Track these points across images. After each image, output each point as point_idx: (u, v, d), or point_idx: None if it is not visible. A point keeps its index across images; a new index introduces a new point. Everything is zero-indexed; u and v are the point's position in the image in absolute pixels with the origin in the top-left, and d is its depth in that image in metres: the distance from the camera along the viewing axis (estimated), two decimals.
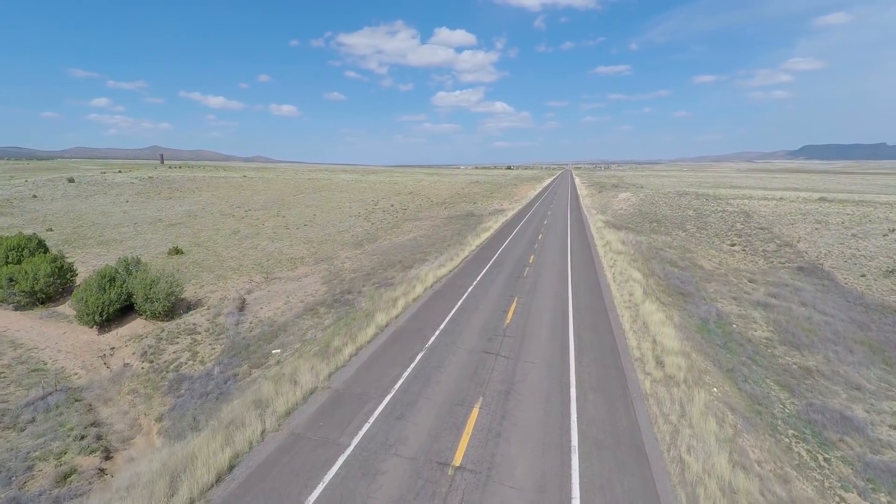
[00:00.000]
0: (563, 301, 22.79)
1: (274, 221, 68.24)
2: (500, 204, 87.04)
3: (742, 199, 63.29)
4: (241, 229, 61.64)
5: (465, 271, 29.49)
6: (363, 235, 58.03)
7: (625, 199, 78.17)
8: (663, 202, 68.09)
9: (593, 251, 36.88)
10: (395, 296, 23.36)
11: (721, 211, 56.47)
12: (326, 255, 47.20)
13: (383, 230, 61.86)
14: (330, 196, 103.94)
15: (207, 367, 23.50)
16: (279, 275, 40.03)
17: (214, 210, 78.81)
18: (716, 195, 71.66)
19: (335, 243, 53.16)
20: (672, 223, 54.98)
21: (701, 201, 64.24)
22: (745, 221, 51.20)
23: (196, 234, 58.52)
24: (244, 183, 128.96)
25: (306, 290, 34.91)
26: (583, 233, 46.57)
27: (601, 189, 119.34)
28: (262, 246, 51.60)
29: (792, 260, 39.74)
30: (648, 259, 37.35)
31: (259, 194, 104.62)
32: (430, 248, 45.87)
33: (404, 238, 55.86)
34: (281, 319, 28.80)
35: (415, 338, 17.64)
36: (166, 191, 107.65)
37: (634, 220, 59.24)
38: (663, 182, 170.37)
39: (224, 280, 38.75)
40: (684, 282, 32.26)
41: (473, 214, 73.35)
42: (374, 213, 78.59)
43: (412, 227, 63.91)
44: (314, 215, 74.19)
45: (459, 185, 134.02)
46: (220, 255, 47.61)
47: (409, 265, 38.79)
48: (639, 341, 17.74)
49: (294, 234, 58.10)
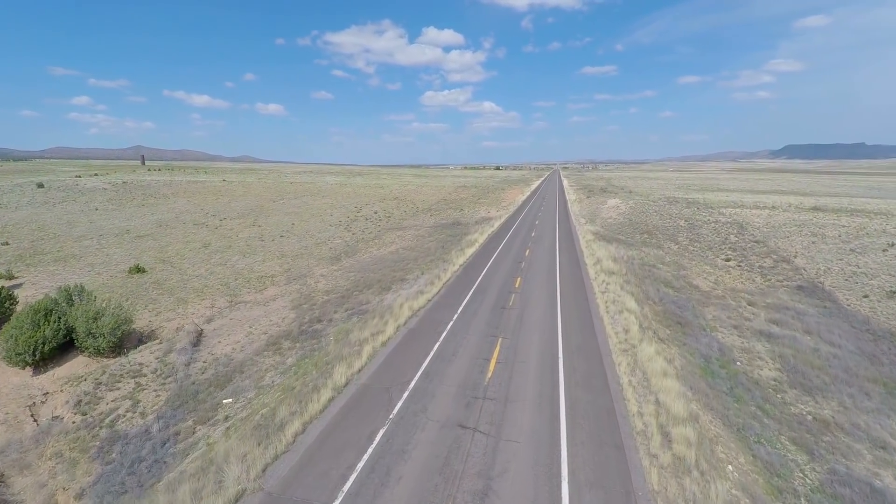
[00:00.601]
0: (552, 343, 20.27)
1: (249, 232, 64.85)
2: (488, 211, 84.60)
3: (734, 208, 61.69)
4: (212, 242, 58.19)
5: (446, 300, 26.85)
6: (342, 248, 55.06)
7: (614, 206, 76.29)
8: (654, 210, 66.24)
9: (583, 271, 34.52)
10: (363, 337, 20.63)
11: (714, 221, 54.69)
12: (300, 272, 44.18)
13: (364, 242, 58.95)
14: (311, 202, 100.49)
15: (147, 422, 20.48)
16: (246, 297, 36.95)
17: (188, 219, 75.01)
18: (706, 203, 70.10)
19: (311, 257, 50.11)
20: (664, 234, 53.02)
21: (692, 210, 62.50)
22: (739, 233, 49.42)
23: (163, 248, 54.94)
24: (223, 188, 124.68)
25: (272, 317, 31.95)
26: (572, 248, 44.26)
27: (589, 193, 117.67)
28: (232, 262, 48.35)
29: (790, 278, 37.87)
30: (642, 279, 35.13)
31: (238, 200, 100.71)
32: (411, 265, 43.17)
33: (386, 251, 53.06)
34: (239, 357, 25.83)
35: (377, 403, 14.93)
36: (140, 197, 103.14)
37: (625, 230, 57.20)
38: (651, 185, 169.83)
39: (184, 305, 35.55)
40: (681, 307, 30.04)
41: (460, 223, 70.78)
42: (356, 221, 75.56)
43: (395, 238, 61.11)
44: (292, 224, 70.90)
45: (446, 190, 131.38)
46: (186, 273, 44.28)
47: (387, 286, 36.06)
48: (640, 404, 15.27)
49: (268, 248, 54.88)
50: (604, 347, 20.00)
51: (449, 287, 29.88)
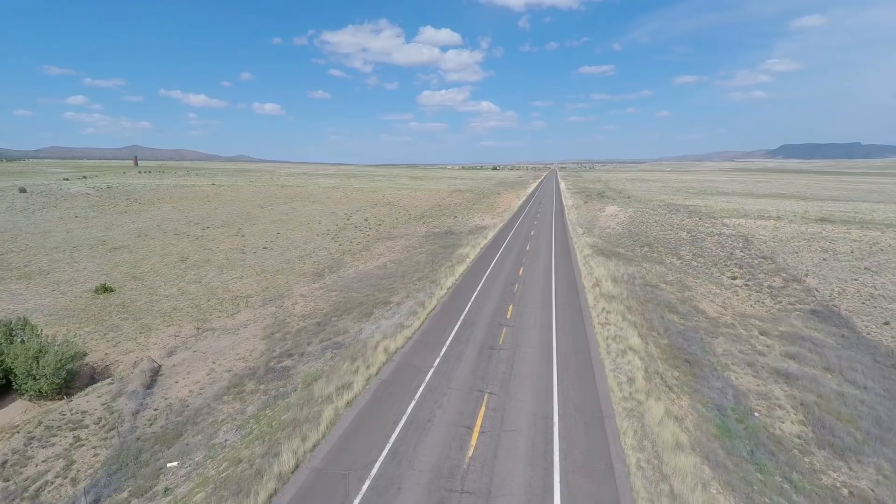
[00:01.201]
0: (547, 401, 17.55)
1: (231, 243, 61.90)
2: (482, 218, 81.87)
3: (738, 218, 59.12)
4: (190, 254, 55.24)
5: (428, 337, 24.06)
6: (327, 262, 52.21)
7: (612, 214, 73.64)
8: (654, 220, 63.65)
9: (581, 297, 31.80)
10: (328, 392, 17.89)
11: (718, 234, 52.10)
12: (278, 291, 41.34)
13: (351, 254, 56.12)
14: (301, 208, 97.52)
15: (76, 493, 17.67)
16: (215, 323, 34.07)
17: (169, 228, 71.97)
18: (709, 211, 67.50)
19: (293, 273, 47.26)
20: (665, 248, 50.41)
21: (695, 220, 59.90)
22: (745, 248, 46.83)
23: (138, 262, 51.96)
24: (211, 193, 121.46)
25: (240, 348, 29.13)
26: (569, 265, 41.57)
27: (587, 198, 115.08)
28: (207, 278, 45.45)
29: (802, 300, 35.28)
30: (644, 303, 32.47)
31: (224, 206, 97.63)
32: (397, 284, 40.42)
33: (373, 265, 50.28)
34: (195, 402, 22.99)
35: (329, 500, 12.16)
36: (123, 203, 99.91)
37: (624, 242, 54.56)
38: (649, 188, 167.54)
39: (148, 333, 32.65)
40: (689, 339, 27.39)
41: (452, 232, 68.04)
42: (344, 229, 72.69)
43: (384, 250, 58.33)
44: (277, 234, 67.99)
45: (441, 195, 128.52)
46: (156, 292, 41.37)
47: (368, 311, 33.32)
48: (651, 494, 12.56)
49: (248, 262, 51.97)
50: (606, 406, 17.28)
51: (434, 318, 27.11)
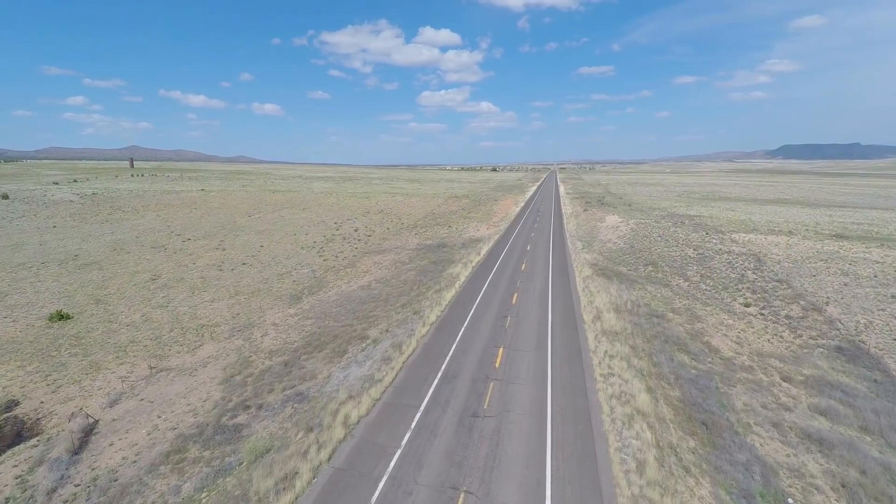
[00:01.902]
0: (539, 492, 14.12)
1: (210, 258, 58.42)
2: (477, 229, 78.39)
3: (747, 234, 55.68)
4: (164, 272, 51.75)
5: (400, 399, 20.62)
6: (308, 281, 48.73)
7: (613, 226, 70.19)
8: (657, 234, 60.19)
9: (580, 335, 28.38)
10: (266, 487, 14.43)
11: (727, 252, 48.63)
12: (250, 318, 37.87)
13: (335, 271, 52.64)
14: (289, 217, 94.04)
15: None
16: (172, 361, 30.59)
17: (148, 241, 68.47)
18: (715, 224, 64.04)
19: (269, 295, 43.78)
20: (671, 266, 46.96)
21: (701, 235, 56.45)
22: (758, 269, 43.39)
23: (106, 281, 48.48)
24: (199, 199, 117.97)
25: (193, 397, 25.66)
26: (567, 291, 38.13)
27: (586, 205, 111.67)
28: (176, 302, 41.97)
29: (825, 334, 31.84)
30: (650, 340, 29.06)
31: (210, 215, 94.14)
32: (379, 311, 37.02)
33: (356, 285, 46.85)
34: (126, 475, 19.51)
35: None
36: (106, 211, 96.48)
37: (626, 259, 51.12)
38: (651, 193, 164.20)
39: (95, 373, 29.16)
40: (703, 390, 23.95)
41: (445, 246, 64.60)
42: (332, 241, 69.22)
43: (371, 266, 54.89)
44: (260, 247, 64.51)
45: (436, 202, 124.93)
46: (117, 319, 37.89)
47: (342, 348, 29.94)
48: None
49: (224, 281, 48.48)
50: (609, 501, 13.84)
51: (411, 368, 23.66)
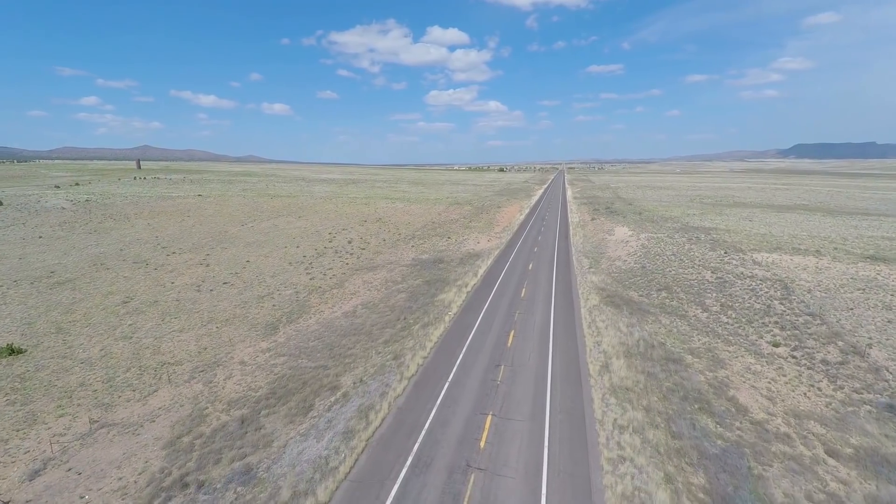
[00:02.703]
0: None
1: (191, 275, 54.98)
2: (477, 241, 74.24)
3: (770, 254, 50.83)
4: (138, 293, 48.35)
5: (357, 496, 16.62)
6: (289, 305, 45.00)
7: (623, 240, 65.64)
8: (671, 252, 55.61)
9: (585, 392, 24.24)
10: None
11: (749, 276, 44.00)
12: (217, 354, 34.16)
13: (320, 292, 48.87)
14: (284, 226, 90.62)
15: None
16: (119, 413, 26.91)
17: (131, 254, 65.29)
18: (734, 242, 59.22)
19: (243, 324, 40.08)
20: (686, 292, 42.50)
21: (719, 255, 51.78)
22: (785, 298, 38.79)
23: (74, 304, 45.17)
24: (194, 206, 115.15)
25: (129, 467, 21.90)
26: (571, 326, 33.96)
27: (594, 212, 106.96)
28: (142, 332, 38.43)
29: (870, 385, 27.34)
30: (667, 397, 24.84)
31: (203, 224, 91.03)
32: (358, 349, 33.19)
33: (341, 311, 43.03)
34: None
35: None
36: (97, 219, 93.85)
37: (637, 282, 46.73)
38: (661, 198, 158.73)
39: (28, 429, 25.57)
40: (733, 473, 19.69)
41: (442, 261, 60.60)
42: (323, 255, 65.54)
43: (360, 286, 51.06)
44: (247, 262, 60.99)
45: (437, 209, 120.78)
46: (72, 354, 34.40)
47: (309, 402, 26.22)
48: None
49: (199, 304, 44.91)
50: None
51: (375, 449, 19.65)
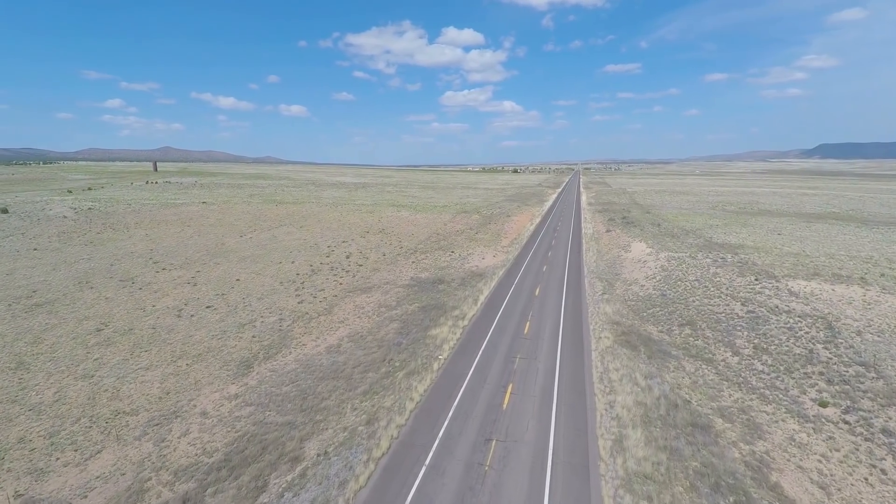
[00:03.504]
0: None
1: (175, 296, 51.78)
2: (482, 257, 69.79)
3: (807, 282, 45.17)
4: (115, 318, 45.25)
5: None
6: (270, 335, 41.27)
7: (640, 259, 60.44)
8: (693, 276, 50.29)
9: (593, 479, 19.71)
10: None
11: (785, 310, 38.66)
12: (178, 401, 30.49)
13: (307, 320, 45.09)
14: (284, 237, 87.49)
15: None
16: (49, 484, 23.27)
17: (120, 270, 62.60)
18: (765, 266, 53.52)
19: (216, 360, 36.41)
20: (713, 329, 37.43)
21: (748, 282, 46.33)
22: (830, 340, 33.48)
23: (45, 332, 42.19)
24: (197, 215, 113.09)
25: None
26: (579, 374, 29.39)
27: (609, 222, 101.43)
28: (105, 369, 35.05)
29: None
30: (694, 487, 20.15)
31: (202, 234, 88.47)
32: (331, 401, 29.20)
33: (324, 345, 39.12)
34: None
35: None
36: (97, 229, 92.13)
37: (656, 313, 41.79)
38: (680, 203, 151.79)
39: None
40: None
41: (442, 282, 56.38)
42: (318, 272, 61.92)
43: (350, 312, 47.17)
44: (237, 281, 57.67)
45: (445, 217, 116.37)
46: (24, 398, 31.12)
47: (263, 478, 22.19)
48: None
49: (174, 334, 41.50)
50: None
51: None
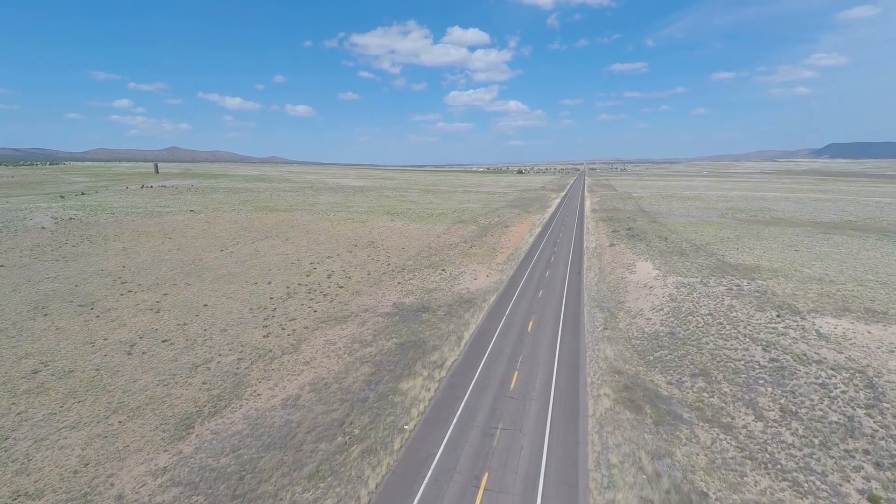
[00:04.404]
0: None
1: (132, 326, 47.03)
2: (475, 276, 64.61)
3: (837, 320, 39.57)
4: (58, 356, 40.52)
5: None
6: (222, 381, 36.33)
7: (646, 284, 54.92)
8: (706, 307, 44.72)
9: None
10: None
11: (815, 359, 33.12)
12: (94, 478, 25.56)
13: (268, 361, 40.12)
14: (266, 251, 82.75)
15: None
16: None
17: (82, 293, 58.04)
18: (786, 295, 47.78)
19: (154, 418, 31.48)
20: (731, 381, 32.01)
21: (769, 317, 40.72)
22: (873, 404, 27.97)
23: None
24: (181, 225, 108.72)
25: None
26: (572, 452, 24.13)
27: (614, 235, 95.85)
28: (26, 428, 30.21)
29: None
30: None
31: (181, 248, 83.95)
32: (273, 485, 24.12)
33: (280, 397, 34.07)
34: None
35: None
36: (73, 242, 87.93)
37: (664, 357, 36.45)
38: (688, 210, 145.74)
39: None
40: None
41: (427, 310, 51.27)
42: (294, 295, 57.03)
43: (319, 349, 42.21)
44: (204, 307, 52.89)
45: (439, 230, 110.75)
46: None
47: None
48: None
49: (117, 378, 36.66)
50: None
51: None
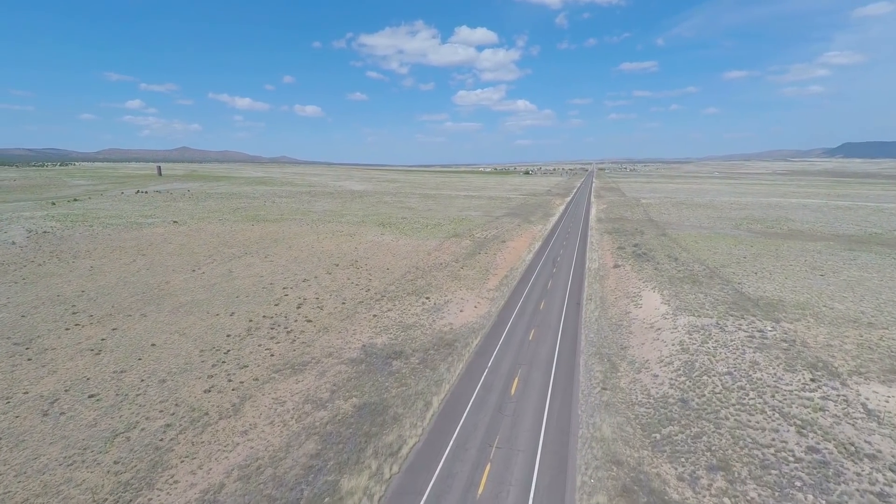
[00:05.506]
0: None
1: (63, 372, 41.17)
2: (461, 307, 58.07)
3: (888, 388, 32.64)
4: None
5: None
6: (137, 461, 30.15)
7: (653, 325, 47.89)
8: (724, 365, 37.52)
9: None
10: None
11: (866, 452, 26.13)
12: None
13: (200, 428, 33.91)
14: (240, 272, 76.89)
15: None
16: None
17: (27, 325, 52.44)
18: (818, 347, 40.70)
19: None
20: (759, 482, 25.16)
21: (802, 382, 33.66)
22: None
23: None
24: (159, 239, 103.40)
25: None
26: None
27: (619, 253, 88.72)
28: None
29: None
30: None
31: (150, 268, 78.40)
32: None
33: (199, 489, 27.93)
34: None
35: None
36: (41, 259, 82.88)
37: (674, 435, 29.65)
38: (700, 219, 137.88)
39: None
40: None
41: (400, 355, 44.87)
42: (255, 332, 50.96)
43: (262, 413, 35.93)
44: (152, 346, 46.99)
45: (430, 245, 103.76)
46: None
47: None
48: None
49: (15, 454, 30.65)
50: None
51: None
